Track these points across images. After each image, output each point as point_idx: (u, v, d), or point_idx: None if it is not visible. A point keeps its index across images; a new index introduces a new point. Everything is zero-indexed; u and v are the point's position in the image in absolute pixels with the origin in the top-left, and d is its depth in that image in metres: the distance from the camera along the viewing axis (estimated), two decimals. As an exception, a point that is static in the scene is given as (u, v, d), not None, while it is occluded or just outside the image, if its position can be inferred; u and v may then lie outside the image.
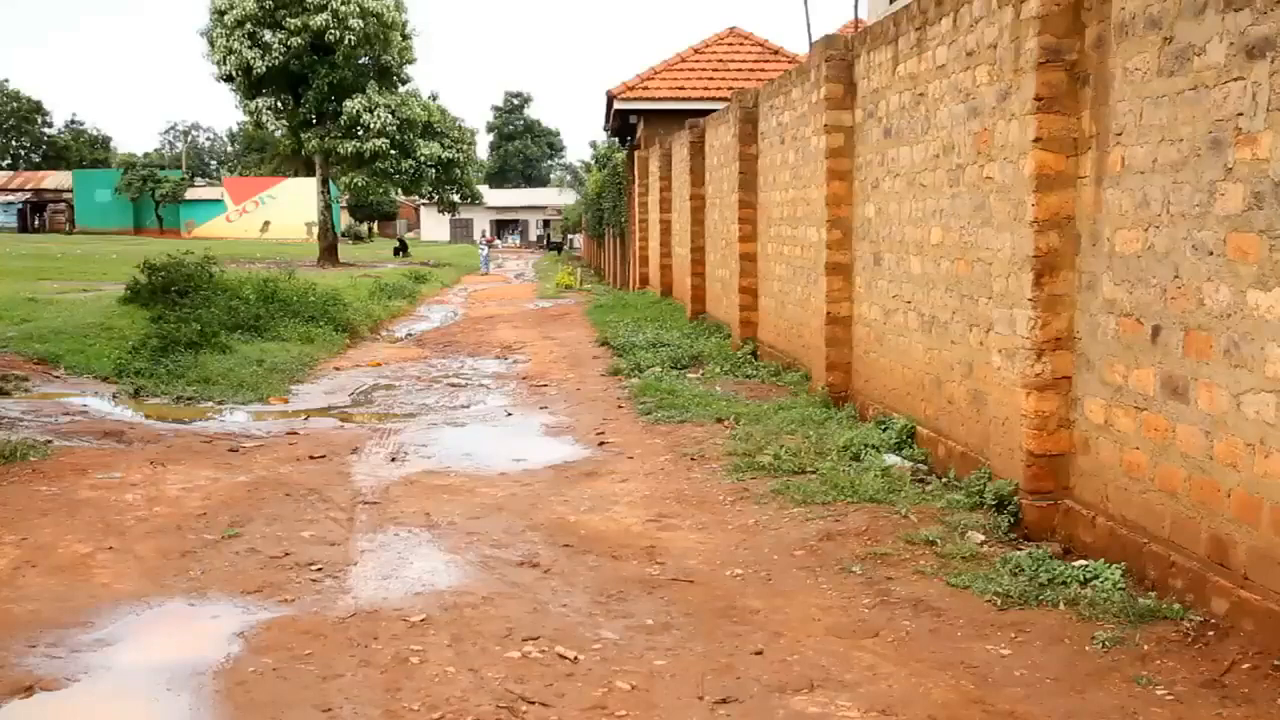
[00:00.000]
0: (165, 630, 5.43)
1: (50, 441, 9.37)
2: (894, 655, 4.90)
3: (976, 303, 7.53)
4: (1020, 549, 6.15)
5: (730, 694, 4.52)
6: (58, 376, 13.25)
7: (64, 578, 6.07)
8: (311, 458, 9.17)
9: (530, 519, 7.25)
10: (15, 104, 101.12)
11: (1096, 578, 5.57)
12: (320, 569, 6.24)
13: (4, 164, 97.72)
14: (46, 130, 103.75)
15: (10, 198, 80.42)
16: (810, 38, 20.87)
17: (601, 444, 9.67)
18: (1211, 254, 5.07)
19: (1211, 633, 4.87)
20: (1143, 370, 5.59)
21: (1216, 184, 5.04)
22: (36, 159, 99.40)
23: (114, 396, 12.49)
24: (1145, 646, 4.83)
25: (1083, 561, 5.82)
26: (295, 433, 10.54)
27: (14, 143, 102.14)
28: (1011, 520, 6.48)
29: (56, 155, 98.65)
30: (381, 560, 6.42)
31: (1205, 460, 5.12)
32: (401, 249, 58.01)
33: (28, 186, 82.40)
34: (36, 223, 79.08)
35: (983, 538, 6.36)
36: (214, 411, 11.97)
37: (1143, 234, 5.59)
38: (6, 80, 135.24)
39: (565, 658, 4.89)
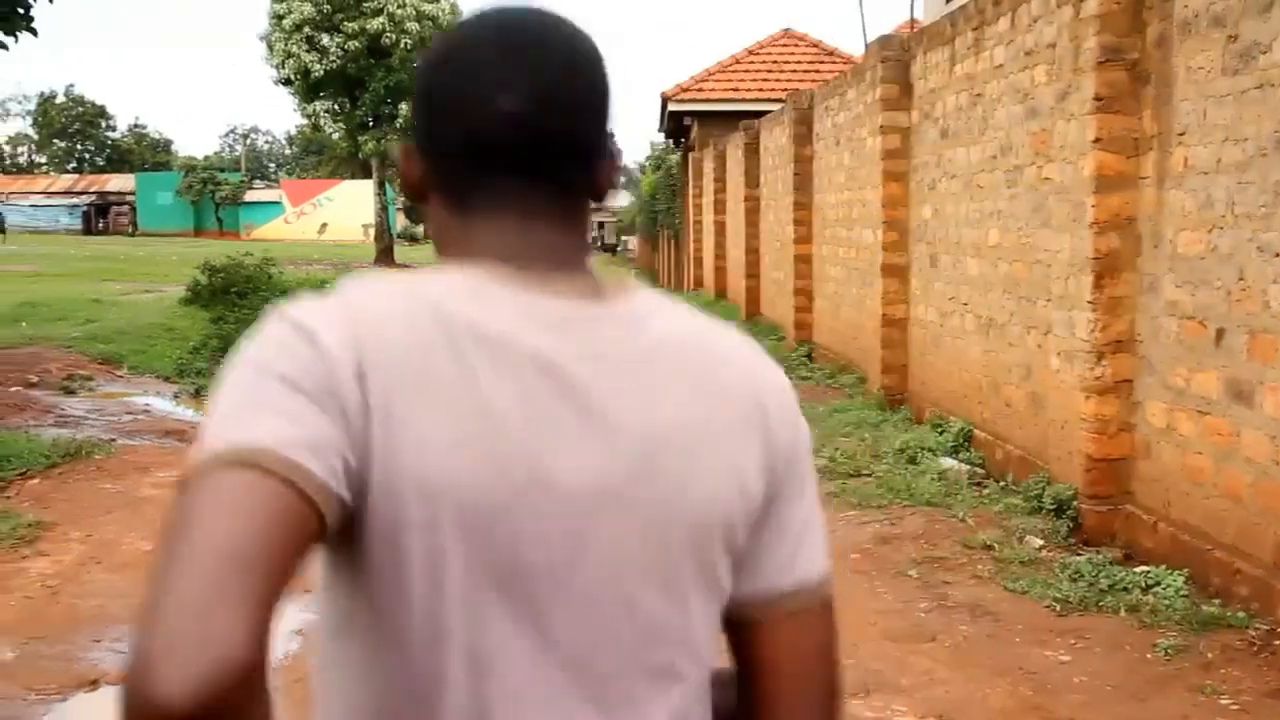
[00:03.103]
0: (226, 627, 5.50)
1: (114, 440, 9.53)
2: (951, 660, 4.87)
3: (1035, 305, 7.45)
4: (1080, 554, 6.08)
5: (785, 697, 4.50)
6: (121, 376, 13.47)
7: (128, 574, 6.16)
8: (368, 458, 9.24)
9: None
10: (81, 108, 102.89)
11: (1158, 584, 5.49)
12: (377, 568, 6.29)
13: (69, 167, 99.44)
14: (110, 134, 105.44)
15: (75, 200, 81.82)
16: (866, 38, 20.74)
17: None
18: (1278, 255, 4.99)
19: (1278, 641, 4.78)
20: (1205, 373, 5.51)
21: (1283, 184, 4.96)
22: (100, 162, 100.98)
23: (175, 396, 12.67)
24: (1210, 655, 4.76)
25: (1144, 567, 5.74)
26: (352, 433, 10.63)
27: (79, 146, 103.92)
28: (1071, 525, 6.41)
29: (120, 158, 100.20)
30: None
31: (1270, 465, 5.04)
32: None
33: (92, 189, 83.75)
34: (100, 224, 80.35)
35: (1041, 542, 6.29)
36: (273, 411, 12.10)
37: (1206, 235, 5.51)
38: (72, 85, 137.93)
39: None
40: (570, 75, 1.16)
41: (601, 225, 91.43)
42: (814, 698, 1.19)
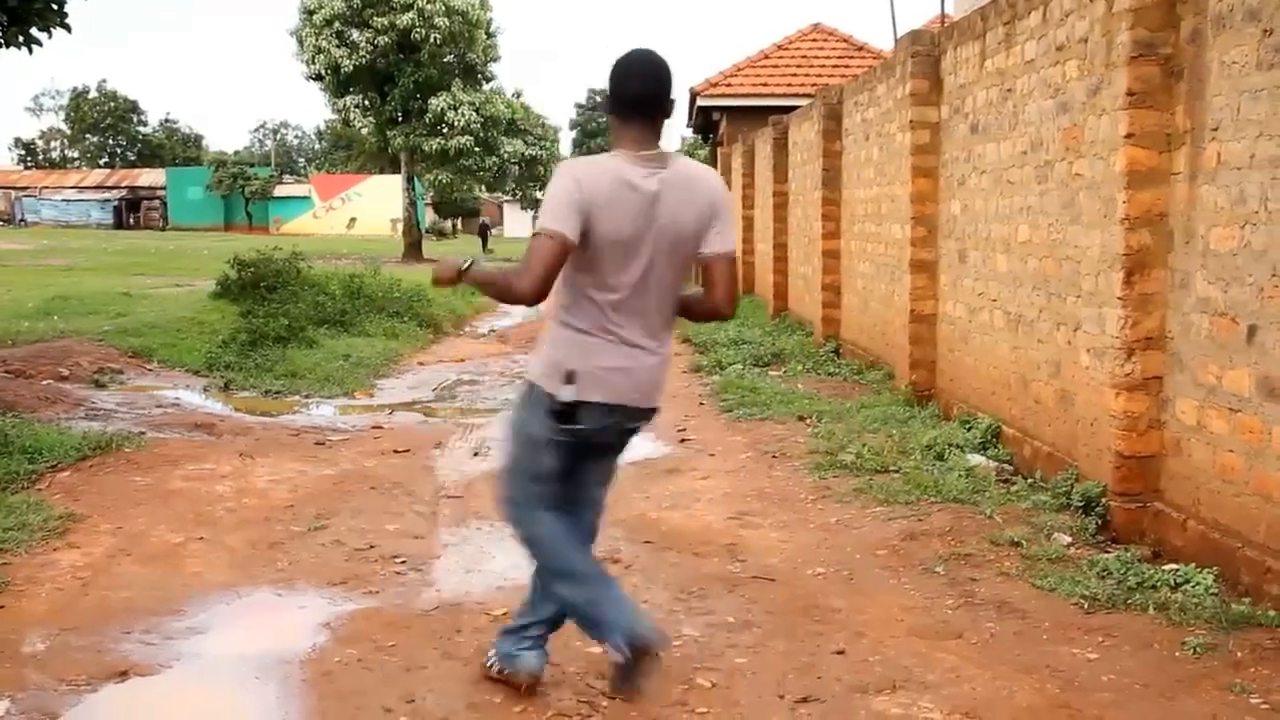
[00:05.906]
0: (254, 619, 5.54)
1: (144, 433, 9.60)
2: (978, 657, 4.85)
3: (1064, 301, 7.40)
4: (1108, 551, 6.04)
5: (811, 693, 4.50)
6: (151, 369, 13.56)
7: (157, 567, 6.21)
8: (396, 452, 9.29)
9: (612, 515, 7.21)
10: (113, 104, 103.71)
11: (1187, 582, 5.45)
12: (404, 562, 6.32)
13: (101, 162, 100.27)
14: (142, 129, 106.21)
15: (107, 195, 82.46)
16: (895, 33, 20.66)
17: (683, 441, 9.67)
18: (1311, 252, 4.94)
19: (1308, 641, 4.74)
20: (1237, 370, 5.47)
21: (1317, 180, 4.90)
22: (132, 157, 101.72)
23: (204, 389, 12.74)
24: (1239, 654, 4.73)
25: (1173, 565, 5.70)
26: (380, 427, 10.68)
27: (110, 141, 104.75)
28: (1099, 522, 6.37)
29: (151, 153, 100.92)
30: (464, 554, 6.48)
31: (1303, 464, 4.99)
32: (483, 240, 58.25)
33: (123, 184, 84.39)
34: (131, 219, 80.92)
35: (1069, 539, 6.26)
36: (301, 405, 12.16)
37: (1239, 231, 5.46)
38: (105, 80, 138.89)
39: (646, 654, 4.89)
40: (658, 75, 4.04)
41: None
42: (728, 284, 4.14)
